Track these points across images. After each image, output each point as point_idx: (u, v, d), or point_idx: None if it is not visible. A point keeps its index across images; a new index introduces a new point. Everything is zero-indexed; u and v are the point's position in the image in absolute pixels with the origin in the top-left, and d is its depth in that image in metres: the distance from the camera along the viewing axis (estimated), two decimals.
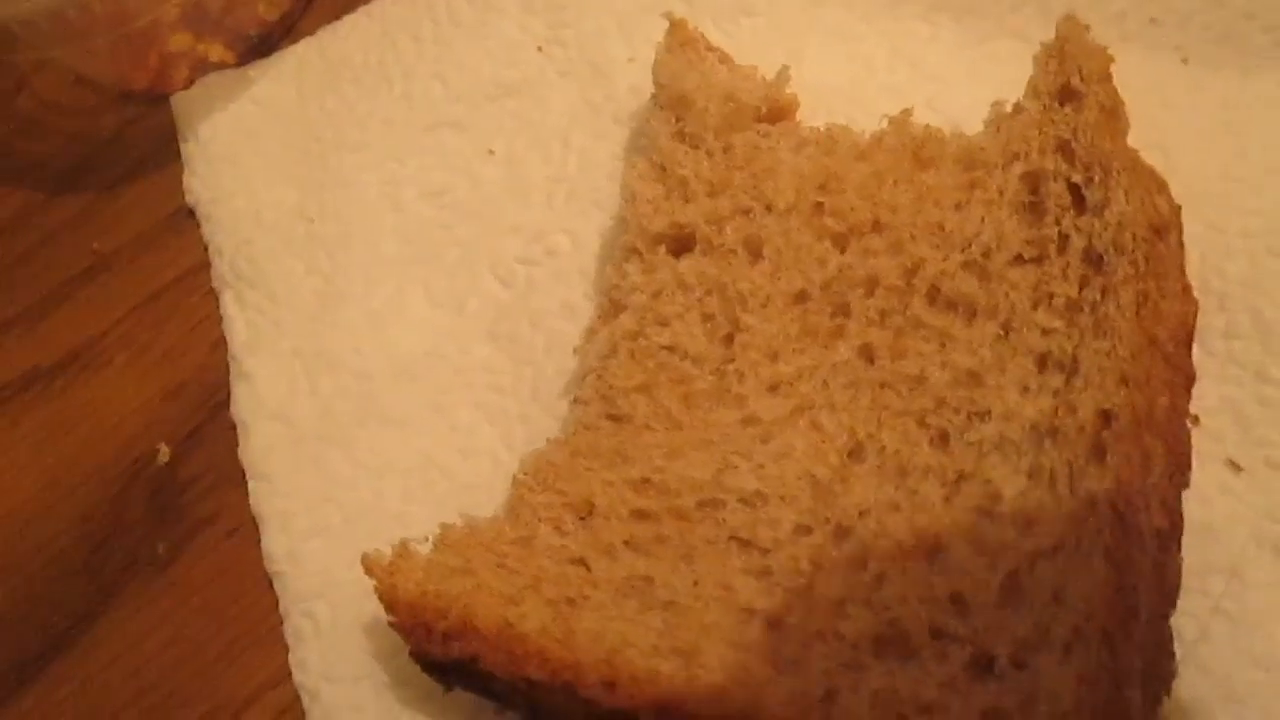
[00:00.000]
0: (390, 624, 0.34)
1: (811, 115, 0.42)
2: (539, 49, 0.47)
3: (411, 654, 0.34)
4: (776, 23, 0.45)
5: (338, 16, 0.51)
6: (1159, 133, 0.39)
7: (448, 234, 0.45)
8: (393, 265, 0.45)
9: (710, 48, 0.41)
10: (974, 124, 0.40)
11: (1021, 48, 0.43)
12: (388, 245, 0.46)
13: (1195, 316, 0.34)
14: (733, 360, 0.34)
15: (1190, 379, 0.34)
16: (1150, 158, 0.38)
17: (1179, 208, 0.35)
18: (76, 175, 0.52)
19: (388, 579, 0.33)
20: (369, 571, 0.34)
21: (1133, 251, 0.31)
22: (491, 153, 0.46)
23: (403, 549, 0.34)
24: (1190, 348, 0.35)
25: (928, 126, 0.37)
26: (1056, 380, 0.31)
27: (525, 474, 0.36)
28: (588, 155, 0.45)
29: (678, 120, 0.38)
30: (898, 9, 0.45)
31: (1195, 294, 0.36)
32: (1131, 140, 0.37)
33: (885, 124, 0.37)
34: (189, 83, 0.52)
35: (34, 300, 0.50)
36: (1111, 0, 0.43)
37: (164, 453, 0.46)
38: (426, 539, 0.35)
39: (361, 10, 0.51)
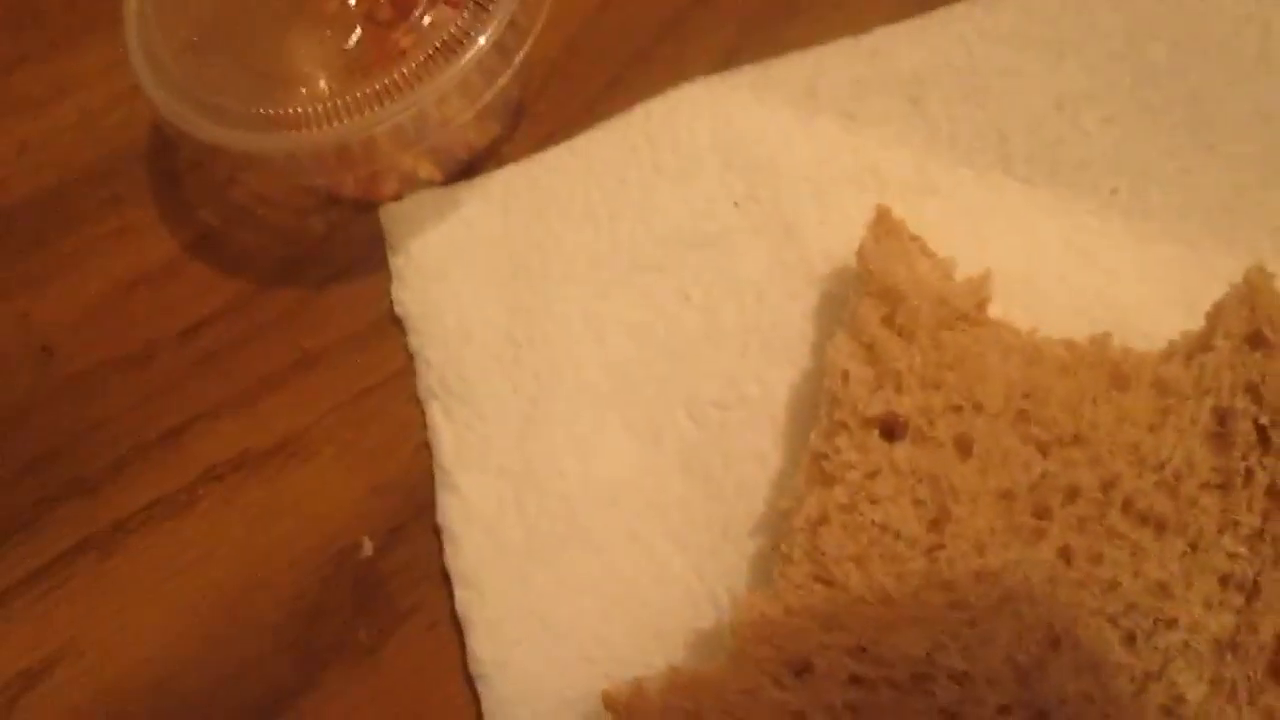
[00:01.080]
0: None
1: (994, 300, 0.46)
2: (735, 204, 0.52)
3: None
4: (960, 204, 0.50)
5: (540, 148, 0.56)
6: None
7: (647, 370, 0.49)
8: (594, 394, 0.49)
9: (913, 238, 0.45)
10: (1137, 324, 0.44)
11: (1187, 253, 0.48)
12: (591, 374, 0.50)
13: None
14: (943, 546, 0.39)
15: None
16: None
17: None
18: (286, 272, 0.56)
19: (626, 716, 0.38)
20: (608, 706, 0.38)
21: None
22: (688, 298, 0.51)
23: (638, 688, 0.38)
24: None
25: (1125, 348, 0.41)
26: (1237, 599, 0.36)
27: (742, 624, 0.40)
28: (780, 311, 0.49)
29: (889, 309, 0.43)
30: (1073, 204, 0.49)
31: None
32: None
33: (1087, 342, 0.41)
34: (397, 196, 0.56)
35: (245, 387, 0.54)
36: (1273, 215, 0.48)
37: (368, 546, 0.50)
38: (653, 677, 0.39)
39: (565, 145, 0.55)
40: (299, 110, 0.48)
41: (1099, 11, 0.52)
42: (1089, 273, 0.48)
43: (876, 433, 0.41)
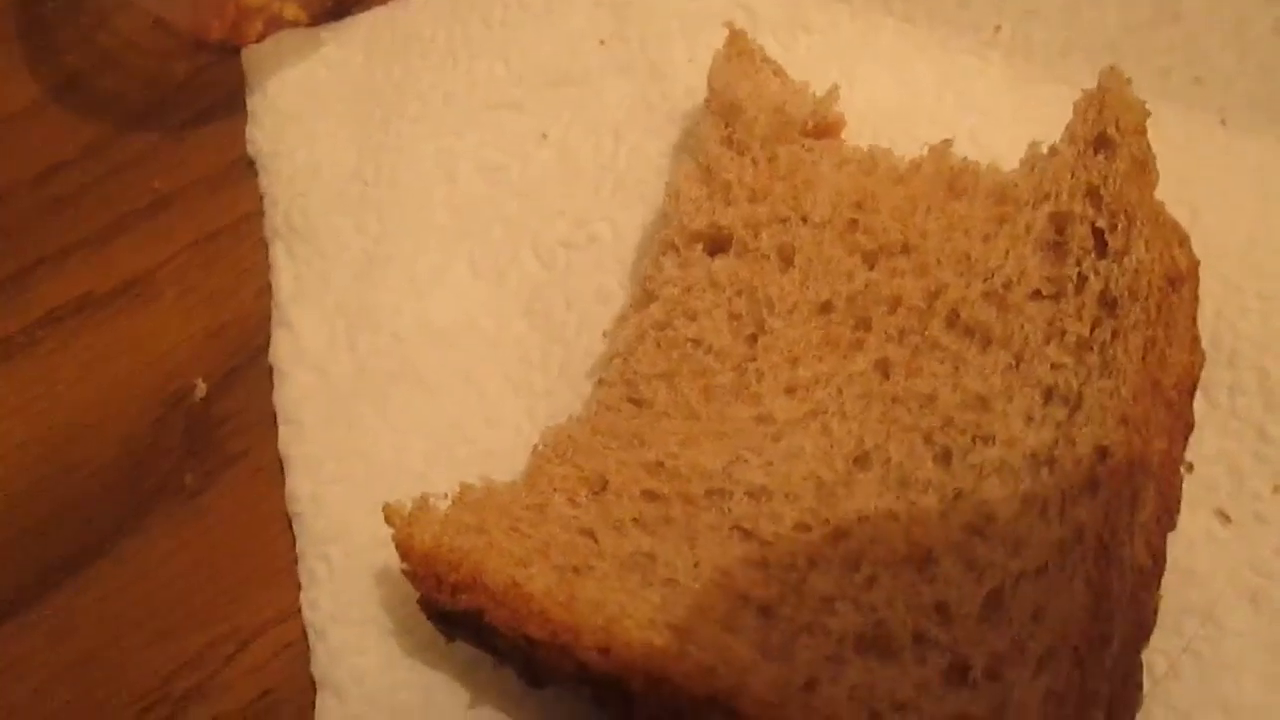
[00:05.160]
0: (403, 572, 0.36)
1: (857, 135, 0.43)
2: (602, 42, 0.49)
3: (419, 603, 0.36)
4: (832, 42, 0.47)
5: None
6: (1190, 188, 0.41)
7: (496, 210, 0.47)
8: (440, 234, 0.47)
9: (766, 60, 0.42)
10: (1012, 160, 0.41)
11: (1065, 92, 0.44)
12: (437, 214, 0.47)
13: (1201, 368, 0.36)
14: (754, 360, 0.36)
15: (1189, 427, 0.35)
16: (1178, 211, 0.39)
17: (1198, 262, 0.37)
18: (146, 115, 0.54)
19: (406, 529, 0.35)
20: (389, 520, 0.36)
21: (1146, 299, 0.32)
22: (545, 137, 0.48)
23: (422, 502, 0.36)
24: (1192, 397, 0.36)
25: (965, 159, 0.38)
26: (1060, 413, 0.33)
27: (545, 446, 0.37)
28: (638, 150, 0.47)
29: (727, 126, 0.40)
30: (951, 42, 0.46)
31: (1205, 347, 0.37)
32: (1162, 194, 0.38)
33: (925, 151, 0.38)
34: (261, 38, 0.54)
35: (94, 230, 0.52)
36: (1158, 56, 0.45)
37: (201, 388, 0.48)
38: (446, 496, 0.37)
39: None
40: None
41: None
42: (964, 113, 0.45)
43: (701, 248, 0.38)
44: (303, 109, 0.51)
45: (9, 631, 0.44)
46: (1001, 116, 0.44)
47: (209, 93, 0.54)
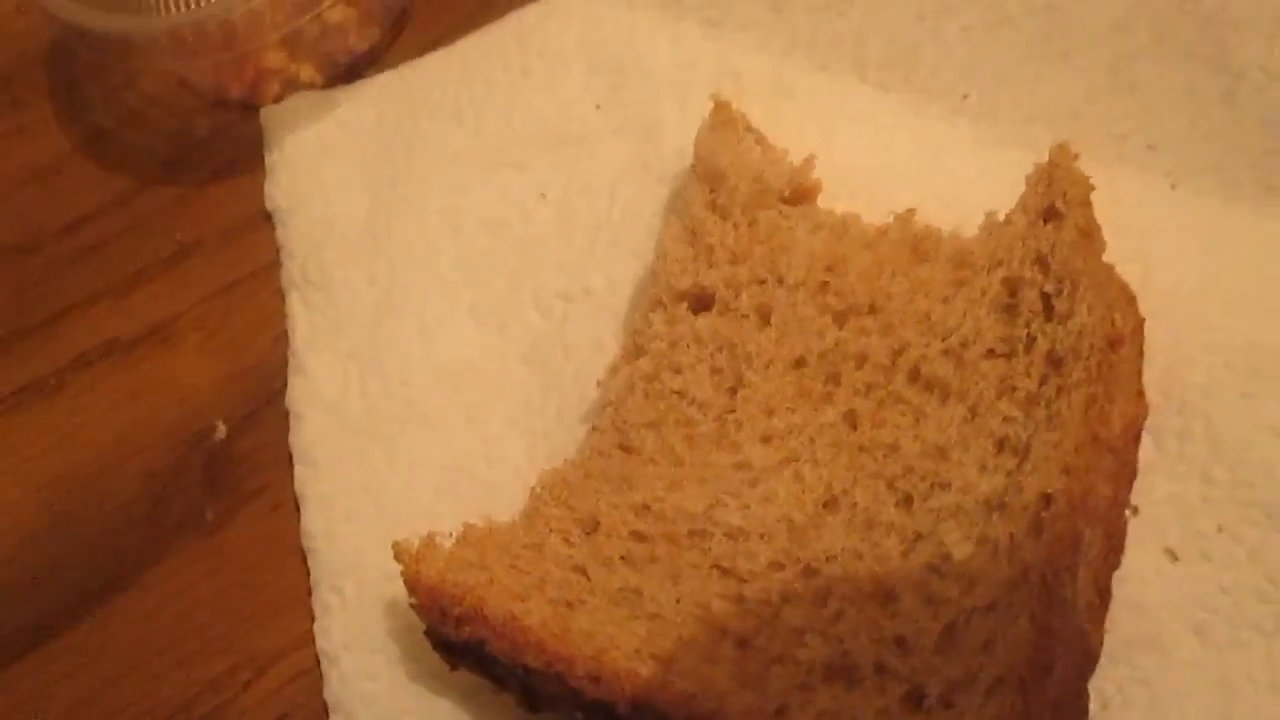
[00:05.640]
0: (410, 605, 0.39)
1: (834, 195, 0.46)
2: (598, 107, 0.52)
3: (425, 633, 0.39)
4: (813, 107, 0.50)
5: (421, 53, 0.57)
6: (1142, 247, 0.44)
7: (498, 263, 0.50)
8: (446, 285, 0.50)
9: (749, 128, 0.45)
10: (977, 220, 0.44)
11: (1029, 156, 0.48)
12: (443, 266, 0.51)
13: (1144, 419, 0.39)
14: (734, 411, 0.39)
15: (1133, 473, 0.39)
16: (1131, 268, 0.42)
17: (1142, 321, 0.40)
18: (169, 170, 0.58)
19: (414, 565, 0.38)
20: (398, 556, 0.39)
21: (1088, 359, 0.35)
22: (544, 196, 0.51)
23: (429, 541, 0.39)
24: (1137, 446, 0.39)
25: (928, 226, 0.41)
26: (1010, 462, 0.36)
27: (542, 488, 0.40)
28: (631, 208, 0.50)
29: (711, 191, 0.43)
30: (923, 108, 0.50)
31: (1155, 397, 0.40)
32: (1115, 252, 0.41)
33: (892, 218, 0.42)
34: (279, 98, 0.57)
35: (119, 278, 0.55)
36: (1115, 123, 0.48)
37: (221, 429, 0.51)
38: (450, 534, 0.40)
39: (443, 50, 0.56)
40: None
41: None
42: (933, 174, 0.48)
43: (685, 306, 0.42)
44: (318, 166, 0.55)
45: (37, 659, 0.47)
46: (969, 178, 0.47)
47: (229, 149, 0.58)
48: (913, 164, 0.49)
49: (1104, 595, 0.37)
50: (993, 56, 0.50)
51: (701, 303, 0.42)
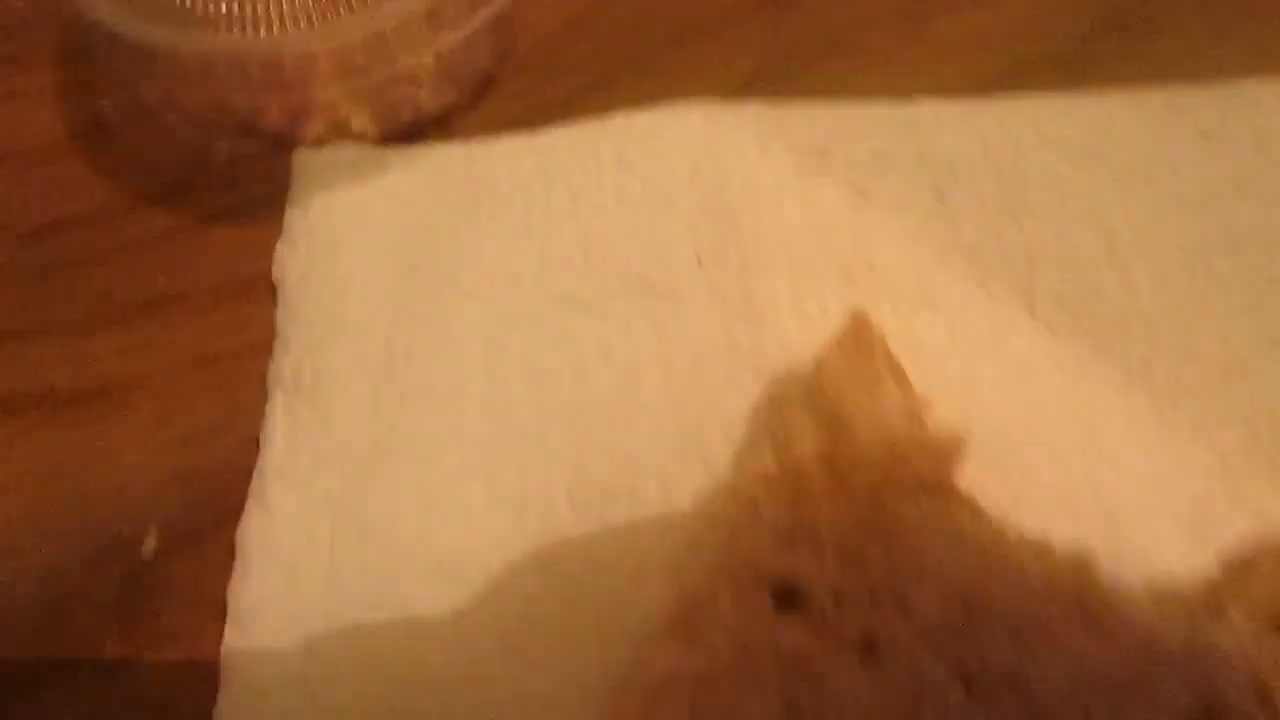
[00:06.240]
0: None
1: (969, 467, 0.37)
2: (698, 260, 0.42)
3: None
4: (961, 335, 0.40)
5: (498, 131, 0.47)
6: None
7: (535, 427, 0.40)
8: (464, 441, 0.40)
9: (890, 364, 0.36)
10: (1133, 544, 0.35)
11: (1214, 466, 0.39)
12: (468, 415, 0.40)
13: None
14: None
15: None
16: None
17: None
18: (171, 193, 0.48)
19: None
20: None
21: None
22: (610, 354, 0.41)
23: None
24: None
25: (1103, 588, 0.32)
26: None
27: None
28: (712, 398, 0.40)
29: (831, 444, 0.33)
30: (1092, 368, 0.40)
31: None
32: None
33: (1062, 553, 0.32)
34: (321, 141, 0.47)
35: (79, 314, 0.45)
36: None
37: (151, 542, 0.40)
38: None
39: (525, 135, 0.46)
40: (229, 9, 0.40)
41: (1188, 145, 0.43)
42: (1087, 454, 0.38)
43: (768, 596, 0.32)
44: (345, 240, 0.45)
45: None
46: (1132, 470, 0.38)
47: (246, 186, 0.48)
48: (1066, 435, 0.39)
49: None
50: (1188, 324, 0.40)
51: (787, 598, 0.32)
